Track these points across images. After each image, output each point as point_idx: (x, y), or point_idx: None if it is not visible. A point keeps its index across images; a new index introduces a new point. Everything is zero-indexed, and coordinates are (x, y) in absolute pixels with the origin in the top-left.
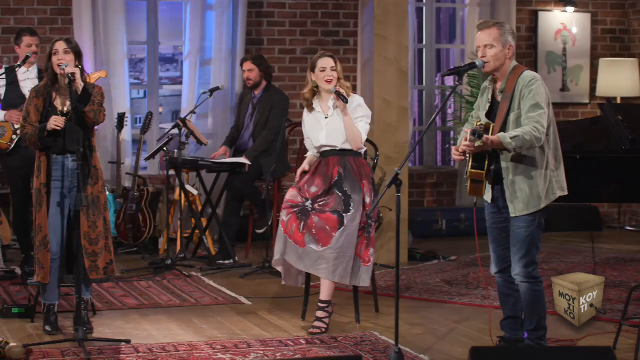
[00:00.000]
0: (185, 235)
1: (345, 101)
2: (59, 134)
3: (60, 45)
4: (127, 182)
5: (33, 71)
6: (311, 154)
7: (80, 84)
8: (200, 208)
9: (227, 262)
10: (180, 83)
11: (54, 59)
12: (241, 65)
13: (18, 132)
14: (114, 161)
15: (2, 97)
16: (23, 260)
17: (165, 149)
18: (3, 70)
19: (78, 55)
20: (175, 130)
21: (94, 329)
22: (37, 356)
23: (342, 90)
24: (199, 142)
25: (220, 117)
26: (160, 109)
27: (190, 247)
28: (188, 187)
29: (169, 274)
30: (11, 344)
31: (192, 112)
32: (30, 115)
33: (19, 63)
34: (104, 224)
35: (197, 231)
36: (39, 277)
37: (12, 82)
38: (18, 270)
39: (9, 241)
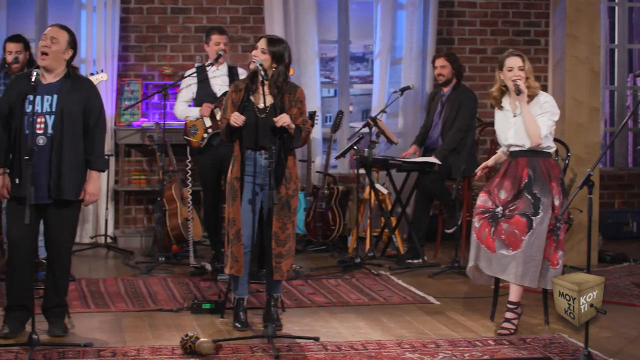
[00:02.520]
0: (375, 234)
1: (518, 92)
2: (249, 130)
3: (261, 44)
4: (316, 181)
5: (223, 69)
6: (501, 151)
7: (292, 127)
8: (389, 207)
9: (416, 261)
10: (371, 82)
11: (252, 54)
12: (433, 62)
13: (209, 130)
14: (304, 159)
15: (194, 95)
16: (213, 257)
17: (355, 147)
18: (195, 69)
19: (275, 58)
20: (366, 129)
21: (282, 325)
22: (227, 352)
23: (519, 82)
24: (389, 141)
25: (411, 117)
26: (351, 108)
27: (379, 246)
28: (378, 186)
29: (357, 272)
30: (201, 339)
31: (383, 111)
32: (227, 110)
33: (210, 61)
34: (292, 228)
35: (386, 230)
36: (232, 269)
37: (203, 80)
38: (208, 267)
39: (200, 237)
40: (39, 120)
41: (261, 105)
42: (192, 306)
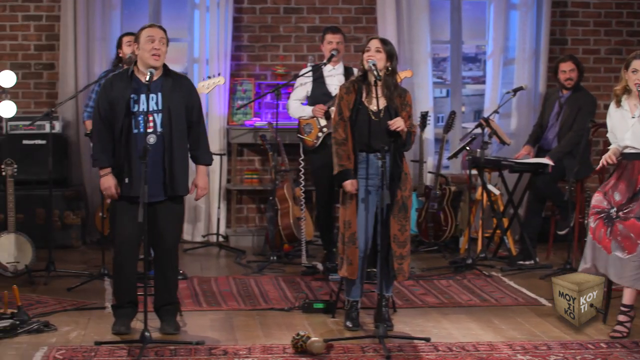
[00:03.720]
0: (487, 235)
1: None
2: (362, 133)
3: (374, 44)
4: (429, 181)
5: (339, 68)
6: (614, 146)
7: (405, 131)
8: (502, 208)
9: (527, 262)
10: (483, 82)
11: (365, 55)
12: (557, 65)
13: (324, 129)
14: (416, 159)
15: (309, 94)
16: (325, 256)
17: (467, 148)
18: (309, 68)
19: (390, 56)
20: (478, 130)
21: (394, 326)
22: (338, 351)
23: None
24: (502, 142)
25: (524, 117)
26: (463, 108)
27: (491, 247)
28: (490, 187)
29: (469, 273)
30: (312, 339)
31: (495, 111)
32: (342, 111)
33: (324, 61)
34: (409, 229)
35: (498, 231)
36: (346, 272)
37: (318, 78)
38: (320, 266)
39: (311, 237)
40: (148, 119)
41: (374, 108)
42: (303, 305)
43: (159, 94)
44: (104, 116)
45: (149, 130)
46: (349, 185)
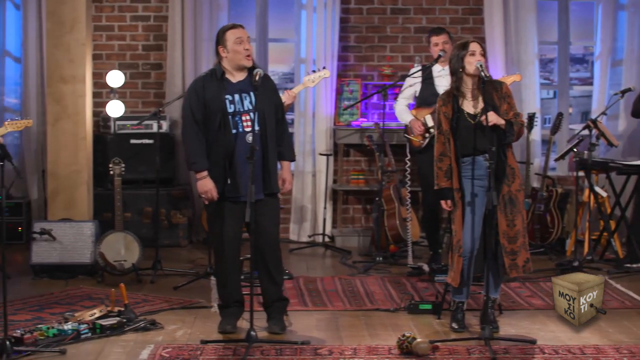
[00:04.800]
0: (593, 237)
1: None
2: (466, 138)
3: (477, 47)
4: (535, 182)
5: (448, 68)
6: None
7: (501, 122)
8: (609, 210)
9: (635, 265)
10: (591, 84)
11: (470, 58)
12: None
13: (431, 130)
14: (523, 161)
15: (417, 94)
16: (431, 257)
17: (575, 150)
18: (417, 68)
19: (486, 59)
20: (586, 131)
21: (500, 328)
22: (443, 352)
23: None
24: (610, 144)
25: (631, 119)
26: (570, 110)
27: (597, 249)
28: (597, 189)
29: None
30: (418, 340)
31: (603, 113)
32: (442, 124)
33: (432, 62)
34: (522, 222)
35: (605, 233)
36: (449, 279)
37: (428, 79)
38: (426, 267)
39: (418, 238)
40: (244, 118)
41: (472, 111)
42: (409, 306)
43: (251, 94)
44: (198, 118)
45: (247, 130)
46: (444, 205)
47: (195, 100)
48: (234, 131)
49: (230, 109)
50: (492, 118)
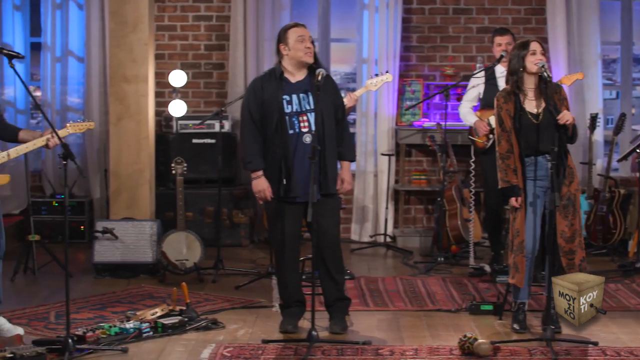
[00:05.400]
0: None
1: None
2: (529, 138)
3: (538, 47)
4: (597, 183)
5: None
6: None
7: (572, 122)
8: None
9: None
10: None
11: (532, 58)
12: None
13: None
14: (585, 162)
15: (481, 96)
16: (492, 258)
17: (638, 150)
18: (480, 69)
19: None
20: None
21: (562, 329)
22: (505, 353)
23: None
24: None
25: None
26: (633, 110)
27: None
28: None
29: (638, 277)
30: (479, 341)
31: None
32: (504, 122)
33: (494, 63)
34: (579, 222)
35: None
36: (514, 279)
37: (490, 80)
38: (487, 268)
39: (479, 239)
40: (301, 119)
41: (534, 111)
42: (470, 307)
43: (309, 94)
44: (256, 118)
45: (304, 130)
46: (513, 202)
47: (254, 100)
48: (290, 132)
49: (288, 109)
50: (569, 117)
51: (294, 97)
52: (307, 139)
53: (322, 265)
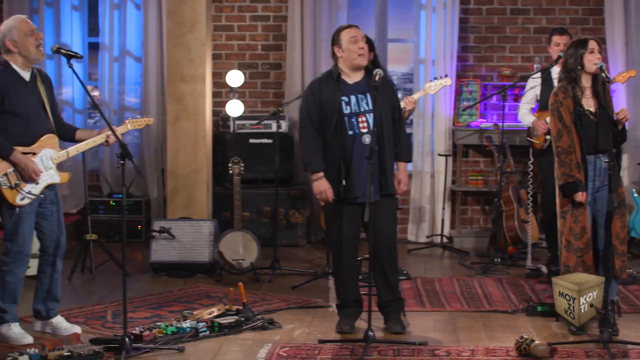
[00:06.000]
0: None
1: None
2: (589, 136)
3: (596, 45)
4: None
5: None
6: None
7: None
8: None
9: None
10: None
11: (590, 56)
12: None
13: None
14: None
15: (538, 97)
16: (549, 259)
17: None
18: (537, 71)
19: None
20: None
21: (619, 331)
22: (562, 355)
23: None
24: None
25: None
26: None
27: None
28: None
29: None
30: (536, 342)
31: None
32: (563, 117)
33: (551, 63)
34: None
35: None
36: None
37: (547, 81)
38: (544, 269)
39: (536, 239)
40: (360, 119)
41: (592, 109)
42: (527, 308)
43: (367, 95)
44: (315, 120)
45: (363, 131)
46: (579, 196)
47: (312, 101)
48: (350, 132)
49: (346, 110)
50: (627, 113)
51: (352, 98)
52: (367, 139)
53: (377, 266)
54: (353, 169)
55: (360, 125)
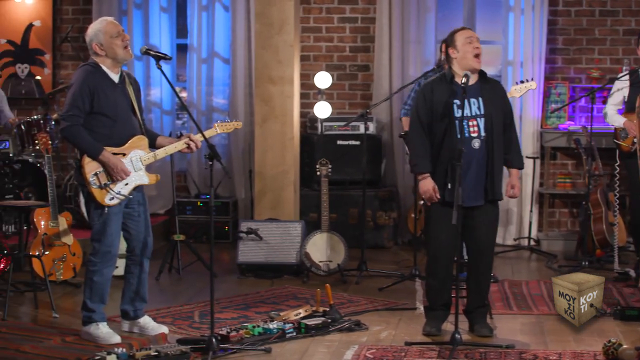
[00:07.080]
0: None
1: None
2: None
3: None
4: None
5: None
6: None
7: None
8: None
9: None
10: None
11: None
12: None
13: None
14: None
15: (626, 99)
16: (637, 263)
17: None
18: (625, 72)
19: None
20: None
21: None
22: None
23: None
24: None
25: None
26: None
27: None
28: None
29: None
30: (624, 346)
31: None
32: None
33: None
34: None
35: None
36: None
37: (635, 83)
38: (632, 273)
39: (624, 243)
40: (471, 123)
41: None
42: (615, 312)
43: (480, 99)
44: (424, 121)
45: (473, 135)
46: None
47: (423, 103)
48: (459, 136)
49: (458, 113)
50: None
51: (465, 101)
52: (476, 144)
53: (472, 271)
54: (461, 174)
55: (471, 129)
